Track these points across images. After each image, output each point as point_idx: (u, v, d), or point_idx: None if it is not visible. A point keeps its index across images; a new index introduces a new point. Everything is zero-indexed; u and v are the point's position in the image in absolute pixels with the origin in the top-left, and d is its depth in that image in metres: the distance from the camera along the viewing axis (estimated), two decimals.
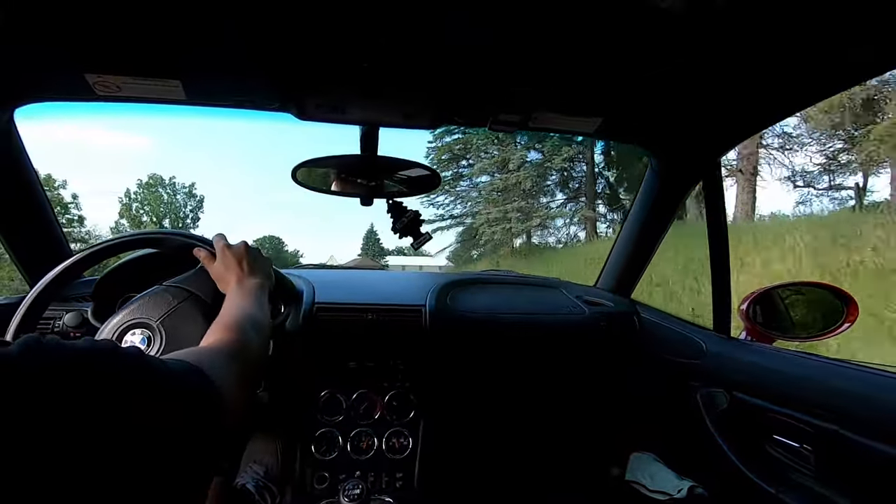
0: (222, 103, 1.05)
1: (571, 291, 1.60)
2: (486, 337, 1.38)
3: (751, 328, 1.32)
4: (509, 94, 0.99)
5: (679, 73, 0.89)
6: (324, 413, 1.23)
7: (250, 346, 0.68)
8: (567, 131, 1.16)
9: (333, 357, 1.26)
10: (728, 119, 1.08)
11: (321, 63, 0.88)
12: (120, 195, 21.51)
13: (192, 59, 0.87)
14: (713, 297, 1.29)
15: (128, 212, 21.63)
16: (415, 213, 1.14)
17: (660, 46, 0.80)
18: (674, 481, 1.32)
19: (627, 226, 1.52)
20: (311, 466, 1.19)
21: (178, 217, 23.28)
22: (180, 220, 23.04)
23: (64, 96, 1.02)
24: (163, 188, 22.48)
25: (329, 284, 1.38)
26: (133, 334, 0.86)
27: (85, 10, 0.72)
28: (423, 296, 1.37)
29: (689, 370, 1.32)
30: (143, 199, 22.22)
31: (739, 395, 1.20)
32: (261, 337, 0.74)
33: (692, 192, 1.39)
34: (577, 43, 0.81)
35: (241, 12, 0.73)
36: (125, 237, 0.97)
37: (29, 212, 1.19)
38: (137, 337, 0.86)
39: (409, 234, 1.15)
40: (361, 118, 1.06)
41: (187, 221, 23.76)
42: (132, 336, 0.86)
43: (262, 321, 0.78)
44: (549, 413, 1.61)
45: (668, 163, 1.31)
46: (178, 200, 23.93)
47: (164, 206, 22.61)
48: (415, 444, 1.24)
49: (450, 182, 17.17)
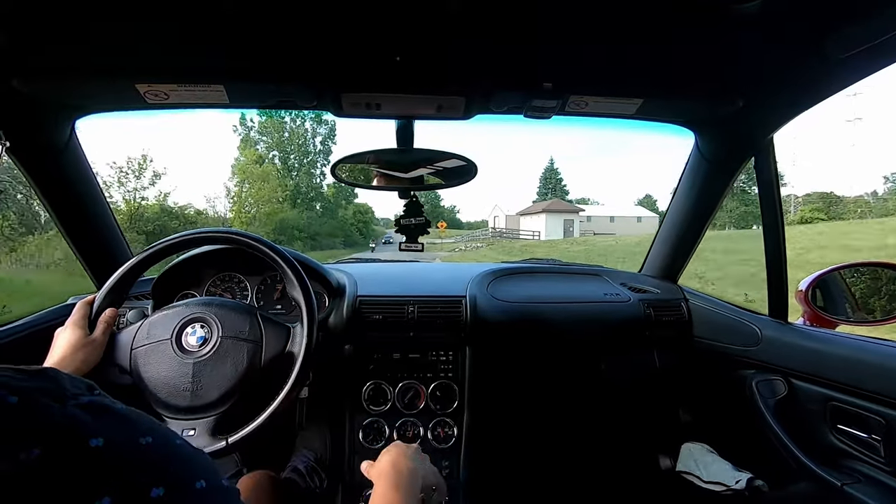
0: (262, 104, 1.09)
1: (615, 279, 1.56)
2: (528, 326, 1.37)
3: (811, 313, 1.25)
4: (545, 80, 0.97)
5: (723, 43, 0.84)
6: (370, 403, 1.26)
7: None
8: (605, 115, 1.12)
9: (377, 349, 1.29)
10: (783, 92, 1.01)
11: (355, 60, 0.89)
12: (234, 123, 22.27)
13: (234, 64, 0.90)
14: (768, 282, 1.22)
15: (245, 146, 21.91)
16: (426, 221, 1.16)
17: (701, 13, 0.76)
18: (730, 472, 1.27)
19: (673, 209, 1.47)
20: (360, 454, 1.22)
21: (306, 151, 23.82)
22: (308, 154, 23.68)
23: (118, 106, 1.08)
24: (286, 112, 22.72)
25: (371, 278, 1.41)
26: (193, 327, 0.93)
27: (134, 25, 0.76)
28: (463, 286, 1.37)
29: (743, 357, 1.27)
30: (261, 128, 22.83)
31: (798, 382, 1.14)
32: None
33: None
34: (614, 21, 0.78)
35: (276, 17, 0.75)
36: (222, 232, 1.02)
37: (94, 218, 1.28)
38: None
39: (407, 234, 1.16)
40: (396, 112, 1.07)
41: (316, 158, 24.41)
42: (191, 328, 0.93)
43: None
44: (595, 403, 1.59)
45: (715, 142, 1.25)
46: (306, 130, 24.32)
47: (287, 137, 22.85)
48: (459, 433, 1.25)
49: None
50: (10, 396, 0.28)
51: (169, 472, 0.32)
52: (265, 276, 1.35)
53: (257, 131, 25.55)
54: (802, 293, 1.25)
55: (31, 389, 0.30)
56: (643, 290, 1.50)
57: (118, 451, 0.31)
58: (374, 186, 1.15)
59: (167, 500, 0.31)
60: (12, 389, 0.29)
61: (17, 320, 1.15)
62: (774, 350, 1.20)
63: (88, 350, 0.87)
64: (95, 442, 0.29)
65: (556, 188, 47.25)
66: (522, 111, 1.06)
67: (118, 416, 0.33)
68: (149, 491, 0.30)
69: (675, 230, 1.49)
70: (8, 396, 0.28)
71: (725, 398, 1.35)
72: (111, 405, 0.33)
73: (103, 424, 0.31)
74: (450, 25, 0.78)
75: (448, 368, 1.30)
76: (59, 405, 0.30)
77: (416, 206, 1.15)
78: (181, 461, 0.35)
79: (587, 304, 1.43)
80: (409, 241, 1.16)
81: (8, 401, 0.28)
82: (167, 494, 0.31)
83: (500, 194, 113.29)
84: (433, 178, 1.15)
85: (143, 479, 0.31)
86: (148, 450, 0.32)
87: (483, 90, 0.99)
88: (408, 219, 1.15)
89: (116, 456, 0.30)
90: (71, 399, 0.31)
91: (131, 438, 0.32)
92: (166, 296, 1.26)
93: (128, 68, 0.88)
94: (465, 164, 1.11)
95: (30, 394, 0.29)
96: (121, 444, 0.31)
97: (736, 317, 1.32)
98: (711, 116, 1.15)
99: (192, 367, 0.89)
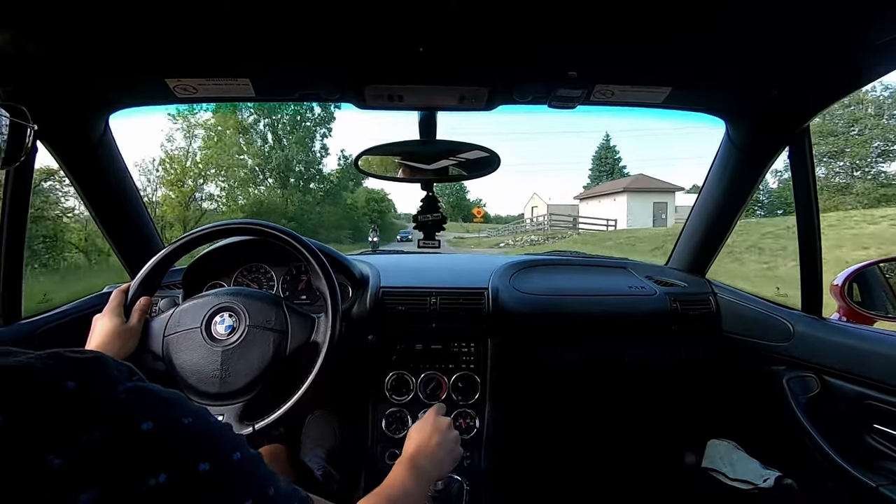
0: (287, 97, 1.10)
1: (640, 272, 1.54)
2: (551, 319, 1.36)
3: (847, 308, 1.21)
4: (570, 69, 0.95)
5: (756, 28, 0.81)
6: (393, 393, 1.27)
7: None
8: (632, 104, 1.10)
9: (400, 339, 1.31)
10: (818, 80, 0.97)
11: (379, 52, 0.90)
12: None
13: (260, 58, 0.92)
14: (801, 276, 1.18)
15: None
16: (442, 217, 1.16)
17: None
18: (758, 470, 1.25)
19: (702, 200, 1.43)
20: (383, 443, 1.24)
21: (298, 114, 19.75)
22: (302, 119, 19.91)
23: (149, 101, 1.11)
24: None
25: (394, 269, 1.42)
26: (221, 316, 0.96)
27: (164, 22, 0.78)
28: (485, 278, 1.37)
29: (774, 353, 1.23)
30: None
31: (832, 380, 1.10)
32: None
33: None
34: (641, 7, 0.76)
35: (301, 10, 0.76)
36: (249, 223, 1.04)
37: (128, 210, 1.32)
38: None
39: (423, 230, 1.16)
40: (418, 103, 1.07)
41: (314, 128, 20.77)
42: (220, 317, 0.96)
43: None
44: (618, 397, 1.57)
45: (747, 131, 1.20)
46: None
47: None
48: (481, 424, 1.26)
49: None
50: (69, 382, 0.31)
51: (211, 448, 0.36)
52: (290, 266, 1.38)
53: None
54: (838, 287, 1.21)
55: (85, 375, 0.32)
56: (670, 283, 1.47)
57: (167, 433, 0.34)
58: (396, 178, 1.15)
59: (213, 473, 0.35)
60: (70, 376, 0.31)
61: (57, 308, 1.20)
62: (807, 346, 1.16)
63: (125, 338, 0.91)
64: (146, 425, 0.32)
65: (615, 170, 39.47)
66: (546, 101, 1.04)
67: (161, 400, 0.36)
68: (197, 466, 0.34)
69: (703, 222, 1.45)
70: (66, 382, 0.31)
71: (754, 395, 1.32)
72: (152, 389, 0.36)
73: (150, 408, 0.34)
74: (472, 15, 0.77)
75: (470, 360, 1.30)
76: (110, 390, 0.33)
77: (432, 202, 1.15)
78: (218, 437, 0.38)
79: (611, 297, 1.41)
80: (426, 237, 1.17)
81: (67, 386, 0.30)
82: (212, 468, 0.35)
83: (536, 184, 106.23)
84: (456, 169, 1.15)
85: (190, 456, 0.34)
86: (191, 429, 0.36)
87: (506, 80, 0.98)
88: (424, 215, 1.15)
89: (166, 437, 0.33)
90: (118, 384, 0.34)
91: (176, 420, 0.35)
92: (196, 285, 1.30)
93: (159, 64, 0.91)
94: (489, 155, 1.10)
95: (85, 379, 0.32)
96: (168, 426, 0.34)
97: (767, 311, 1.29)
98: (743, 105, 1.11)
99: (220, 354, 0.92)
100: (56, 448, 0.28)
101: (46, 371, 0.31)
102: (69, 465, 0.28)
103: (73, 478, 0.28)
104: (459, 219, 52.04)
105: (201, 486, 0.34)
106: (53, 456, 0.28)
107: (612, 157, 40.64)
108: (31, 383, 0.30)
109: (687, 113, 1.16)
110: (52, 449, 0.28)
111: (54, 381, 0.30)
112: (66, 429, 0.29)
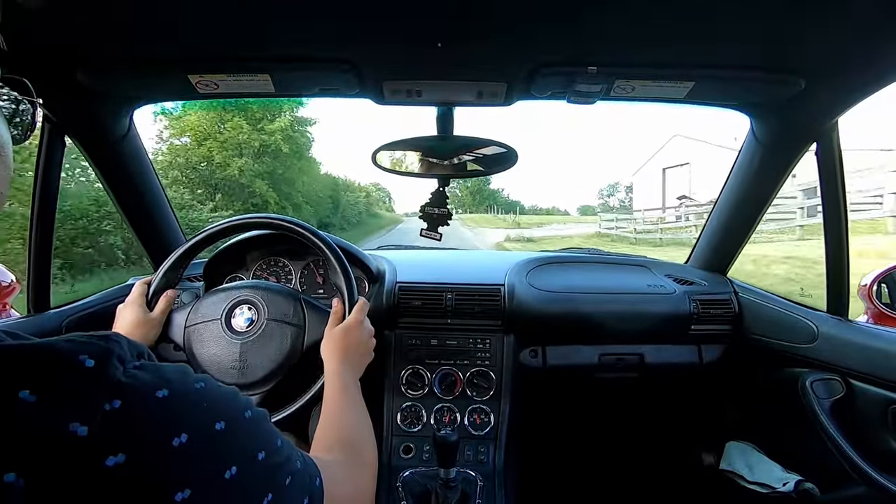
0: (306, 93, 1.11)
1: (660, 270, 1.51)
2: (567, 317, 1.35)
3: (875, 310, 1.17)
4: (590, 64, 0.93)
5: (783, 19, 0.78)
6: (408, 388, 1.28)
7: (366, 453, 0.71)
8: (653, 99, 1.07)
9: (415, 335, 1.31)
10: (848, 73, 0.93)
11: (398, 48, 0.90)
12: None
13: (280, 54, 0.93)
14: (827, 276, 1.15)
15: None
16: (448, 213, 1.16)
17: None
18: (778, 474, 1.22)
19: (724, 196, 1.40)
20: (398, 436, 1.25)
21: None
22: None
23: (171, 96, 1.14)
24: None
25: (410, 264, 1.43)
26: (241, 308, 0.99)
27: (189, 18, 0.79)
28: (502, 275, 1.37)
29: (797, 355, 1.21)
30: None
31: (858, 383, 1.07)
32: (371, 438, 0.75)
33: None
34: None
35: (321, 5, 0.76)
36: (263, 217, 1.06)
37: (152, 204, 1.35)
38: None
39: (429, 222, 1.16)
40: (437, 99, 1.06)
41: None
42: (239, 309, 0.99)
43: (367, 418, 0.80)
44: (636, 396, 1.55)
45: (773, 126, 1.17)
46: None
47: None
48: (496, 421, 1.26)
49: None
50: (88, 360, 0.33)
51: (224, 408, 0.40)
52: (308, 261, 1.40)
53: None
54: (867, 288, 1.18)
55: (103, 353, 0.34)
56: (690, 282, 1.44)
57: (182, 398, 0.37)
58: (413, 173, 1.16)
59: (228, 431, 0.38)
60: (88, 353, 0.33)
61: (83, 298, 1.24)
62: (832, 348, 1.13)
63: (148, 328, 0.95)
64: (161, 393, 0.35)
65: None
66: (565, 96, 1.03)
67: (172, 370, 0.38)
68: (213, 425, 0.37)
69: (725, 219, 1.42)
70: (87, 360, 0.33)
71: (775, 397, 1.29)
72: (159, 364, 0.39)
73: (163, 378, 0.37)
74: (491, 9, 0.77)
75: (485, 356, 1.30)
76: (125, 365, 0.35)
77: (441, 197, 1.16)
78: (229, 399, 0.42)
79: (629, 295, 1.39)
80: (429, 228, 1.17)
81: (87, 364, 0.33)
82: (228, 426, 0.38)
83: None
84: (473, 164, 1.15)
85: (206, 416, 0.37)
86: (204, 392, 0.39)
87: (525, 75, 0.97)
88: (431, 207, 1.15)
89: (182, 401, 0.37)
90: (132, 360, 0.36)
91: (189, 385, 0.38)
92: (216, 278, 1.33)
93: (181, 60, 0.92)
94: (506, 150, 1.09)
95: (103, 357, 0.34)
96: (182, 391, 0.37)
97: (790, 312, 1.26)
98: (769, 99, 1.08)
99: (239, 346, 0.94)
100: (81, 417, 0.30)
101: (68, 351, 0.33)
102: (94, 433, 0.30)
103: (99, 445, 0.30)
104: (500, 211, 47.60)
105: (219, 442, 0.37)
106: (79, 424, 0.30)
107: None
108: (55, 361, 0.32)
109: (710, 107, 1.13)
110: (77, 418, 0.30)
111: (75, 358, 0.33)
112: (89, 401, 0.31)
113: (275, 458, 0.42)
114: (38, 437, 0.29)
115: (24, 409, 0.29)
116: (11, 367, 0.30)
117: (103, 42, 0.86)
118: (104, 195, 1.29)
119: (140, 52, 0.91)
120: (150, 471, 0.32)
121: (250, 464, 0.39)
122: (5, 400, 0.29)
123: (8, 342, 0.33)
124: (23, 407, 0.29)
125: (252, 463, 0.39)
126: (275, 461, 0.42)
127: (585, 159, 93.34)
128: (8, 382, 0.30)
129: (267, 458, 0.41)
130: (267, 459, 0.41)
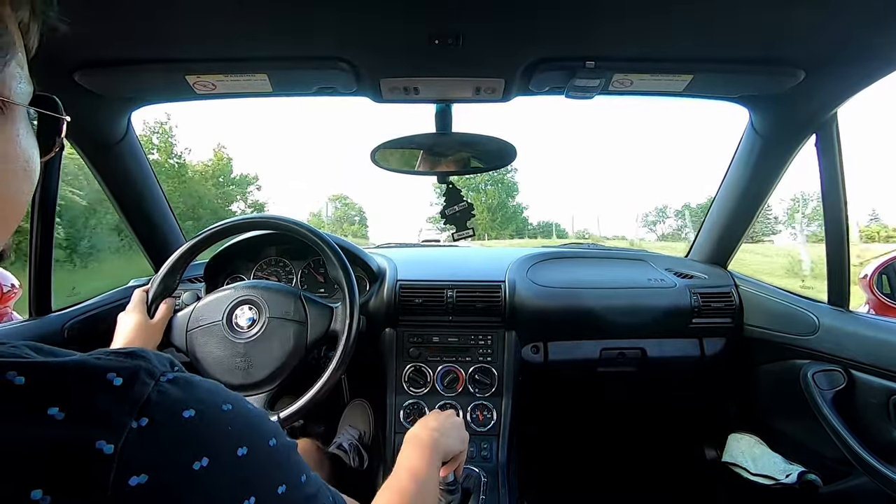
0: (303, 92, 1.11)
1: (660, 264, 1.51)
2: (568, 312, 1.36)
3: (876, 301, 1.17)
4: (587, 59, 0.93)
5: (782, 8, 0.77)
6: (410, 385, 1.28)
7: None
8: (651, 93, 1.07)
9: (417, 332, 1.31)
10: (848, 62, 0.93)
11: (394, 45, 0.89)
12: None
13: (277, 53, 0.92)
14: (828, 267, 1.15)
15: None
16: (468, 205, 1.14)
17: None
18: (781, 465, 1.23)
19: (724, 189, 1.39)
20: (401, 434, 1.25)
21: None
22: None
23: (169, 97, 1.13)
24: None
25: (411, 262, 1.43)
26: (242, 308, 0.99)
27: (186, 19, 0.79)
28: (502, 271, 1.37)
29: (798, 347, 1.21)
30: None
31: (859, 374, 1.08)
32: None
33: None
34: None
35: (317, 6, 0.76)
36: (265, 217, 1.07)
37: (151, 205, 1.35)
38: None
39: (455, 223, 1.15)
40: (434, 96, 1.06)
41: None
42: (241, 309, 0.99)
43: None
44: (638, 390, 1.55)
45: (772, 118, 1.17)
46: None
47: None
48: (499, 417, 1.26)
49: None
50: (117, 378, 0.33)
51: (249, 434, 0.38)
52: (309, 260, 1.40)
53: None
54: (867, 279, 1.17)
55: (131, 370, 0.34)
56: (690, 275, 1.44)
57: (207, 419, 0.36)
58: (413, 171, 1.15)
59: (251, 457, 0.37)
60: (116, 371, 0.33)
61: (84, 301, 1.24)
62: (833, 339, 1.13)
63: (149, 333, 0.95)
64: (188, 413, 0.34)
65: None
66: (563, 91, 1.03)
67: (201, 389, 0.38)
68: (236, 451, 0.36)
69: (725, 212, 1.42)
70: (115, 379, 0.33)
71: (777, 389, 1.29)
72: (192, 378, 0.38)
73: (191, 397, 0.36)
74: (488, 5, 0.76)
75: (487, 353, 1.30)
76: (153, 382, 0.34)
77: (455, 193, 1.14)
78: (256, 423, 0.40)
79: (630, 289, 1.39)
80: (459, 229, 1.15)
81: (115, 383, 0.33)
82: (250, 452, 0.37)
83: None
84: (473, 160, 1.15)
85: (230, 441, 0.36)
86: (229, 415, 0.38)
87: (523, 71, 0.96)
88: (451, 207, 1.14)
89: (207, 423, 0.36)
90: (160, 377, 0.35)
91: (216, 407, 0.37)
92: (217, 279, 1.33)
93: (179, 61, 0.92)
94: (505, 146, 1.09)
95: (131, 375, 0.34)
96: (208, 413, 0.36)
97: (791, 304, 1.26)
98: (767, 90, 1.07)
99: (242, 346, 0.94)
100: (107, 436, 0.30)
101: (96, 367, 0.33)
102: (120, 451, 0.30)
103: (125, 463, 0.30)
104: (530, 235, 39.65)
105: (239, 469, 0.36)
106: (105, 442, 0.30)
107: None
108: (85, 378, 0.32)
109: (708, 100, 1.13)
110: (103, 436, 0.30)
111: (104, 375, 0.33)
112: (117, 419, 0.31)
113: (296, 493, 0.41)
114: (66, 454, 0.29)
115: (52, 425, 0.29)
116: (40, 384, 0.30)
117: (101, 43, 0.86)
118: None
119: (138, 54, 0.90)
120: (169, 493, 0.32)
121: (270, 497, 0.38)
122: (34, 416, 0.29)
123: (35, 358, 0.33)
124: (51, 423, 0.29)
125: (272, 496, 0.38)
126: (295, 496, 0.41)
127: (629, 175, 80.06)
128: (37, 399, 0.30)
129: (288, 492, 0.39)
130: (287, 493, 0.39)
